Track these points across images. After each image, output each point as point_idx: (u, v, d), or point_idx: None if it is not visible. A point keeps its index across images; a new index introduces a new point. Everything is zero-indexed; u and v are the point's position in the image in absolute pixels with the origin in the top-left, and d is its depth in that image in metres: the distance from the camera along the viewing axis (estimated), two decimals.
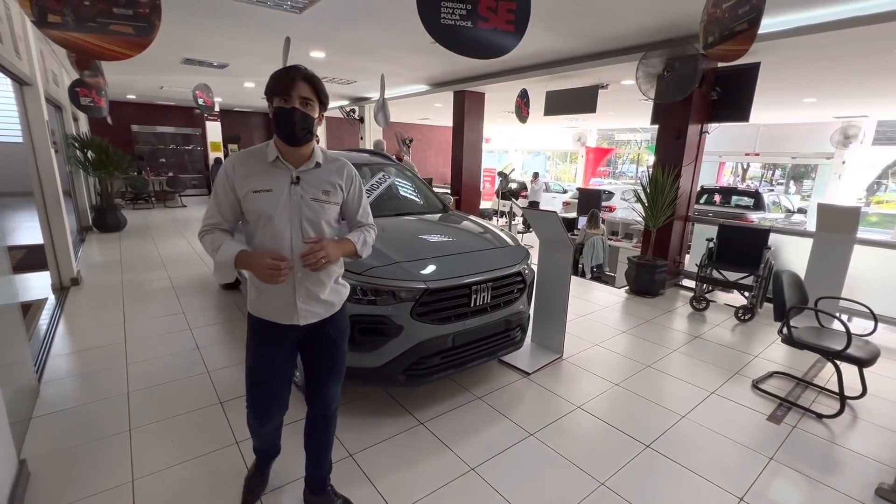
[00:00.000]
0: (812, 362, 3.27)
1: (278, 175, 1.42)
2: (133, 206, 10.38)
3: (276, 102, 1.36)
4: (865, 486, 2.05)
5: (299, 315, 1.49)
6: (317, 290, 1.51)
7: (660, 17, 3.88)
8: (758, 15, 2.53)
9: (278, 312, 1.49)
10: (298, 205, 1.43)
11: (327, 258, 1.41)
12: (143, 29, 2.05)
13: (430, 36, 2.30)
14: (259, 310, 1.52)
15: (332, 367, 1.64)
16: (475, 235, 2.97)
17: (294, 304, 1.48)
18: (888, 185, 14.08)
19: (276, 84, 1.35)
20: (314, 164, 1.48)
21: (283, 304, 1.48)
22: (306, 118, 1.37)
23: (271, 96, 1.37)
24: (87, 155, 7.10)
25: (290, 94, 1.33)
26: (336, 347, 1.63)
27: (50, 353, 3.06)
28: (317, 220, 1.47)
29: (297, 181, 1.43)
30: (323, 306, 1.54)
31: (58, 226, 4.36)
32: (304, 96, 1.35)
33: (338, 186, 1.52)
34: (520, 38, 2.39)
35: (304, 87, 1.34)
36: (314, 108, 1.39)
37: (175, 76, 7.70)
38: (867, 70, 5.28)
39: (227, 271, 1.39)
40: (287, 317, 1.49)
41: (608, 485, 2.00)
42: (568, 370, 3.07)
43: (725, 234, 4.50)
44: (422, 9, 2.20)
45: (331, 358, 1.63)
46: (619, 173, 22.46)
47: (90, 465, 2.00)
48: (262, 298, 1.50)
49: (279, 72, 1.37)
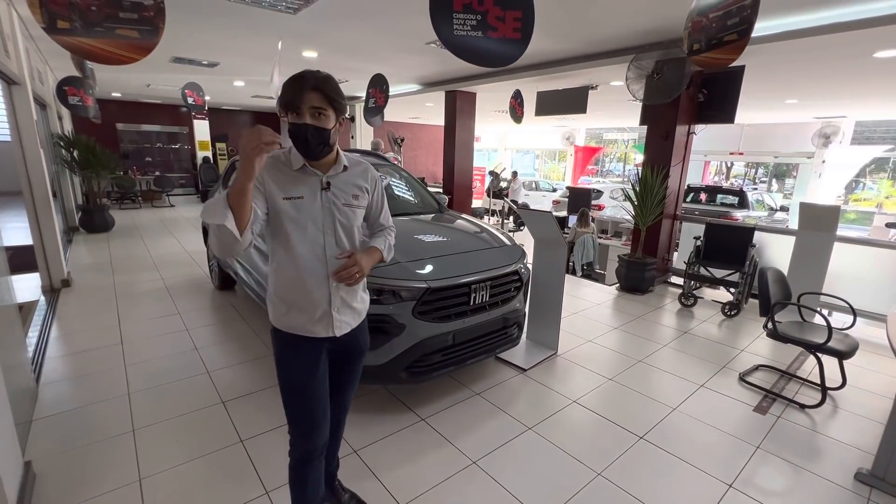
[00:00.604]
0: (795, 355, 3.41)
1: (308, 181, 1.37)
2: (120, 206, 10.22)
3: (290, 117, 1.29)
4: (846, 471, 2.17)
5: (335, 326, 1.44)
6: (350, 298, 1.47)
7: (650, 21, 3.98)
8: (748, 27, 2.56)
9: (314, 324, 1.41)
10: (331, 211, 1.39)
11: (361, 272, 1.38)
12: (148, 32, 2.06)
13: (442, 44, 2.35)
14: (290, 324, 1.42)
15: (354, 377, 1.64)
16: (472, 235, 3.03)
17: (330, 314, 1.42)
18: (865, 184, 14.52)
19: (286, 97, 1.28)
20: (342, 168, 1.43)
21: (318, 315, 1.41)
22: (320, 133, 1.29)
23: (285, 110, 1.30)
24: (73, 154, 6.99)
25: (300, 107, 1.26)
26: (361, 358, 1.62)
27: (46, 356, 3.04)
28: (350, 226, 1.43)
29: (327, 187, 1.39)
30: (353, 315, 1.50)
31: (47, 226, 4.31)
32: (315, 106, 1.27)
33: (364, 190, 1.48)
34: (526, 45, 2.46)
35: (315, 97, 1.27)
36: (328, 117, 1.30)
37: (163, 74, 7.60)
38: (846, 73, 5.47)
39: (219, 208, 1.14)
40: (324, 328, 1.42)
41: (605, 475, 2.08)
42: (563, 366, 3.15)
43: (712, 232, 4.64)
44: (435, 21, 2.26)
45: (355, 369, 1.62)
46: (607, 171, 22.73)
47: (96, 466, 2.02)
48: (294, 311, 1.40)
49: (288, 83, 1.29)
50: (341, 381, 1.61)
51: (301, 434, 1.47)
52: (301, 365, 1.43)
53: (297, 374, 1.43)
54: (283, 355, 1.45)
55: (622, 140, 21.04)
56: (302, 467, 1.50)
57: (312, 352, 1.44)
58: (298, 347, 1.43)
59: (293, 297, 1.39)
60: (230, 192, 1.15)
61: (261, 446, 2.19)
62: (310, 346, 1.43)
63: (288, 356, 1.44)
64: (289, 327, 1.41)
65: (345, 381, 1.62)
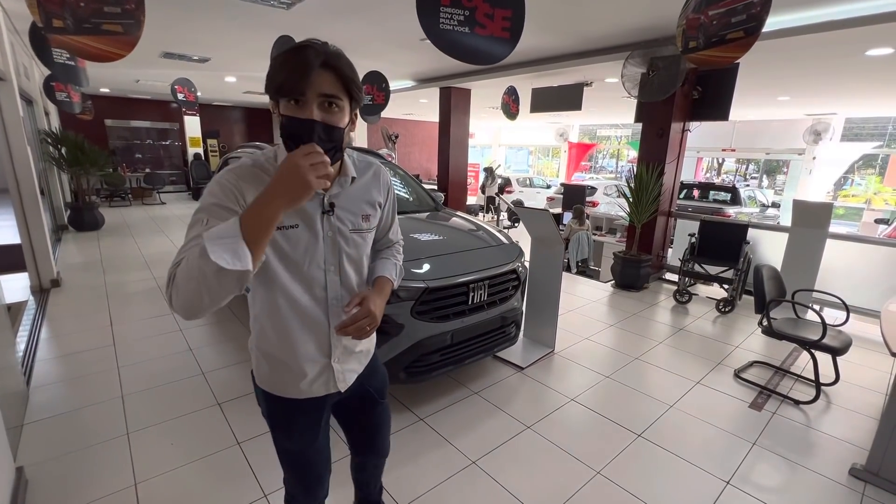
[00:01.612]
0: (789, 351, 3.44)
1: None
2: (109, 204, 10.07)
3: (283, 107, 0.89)
4: (840, 467, 2.19)
5: (337, 380, 1.13)
6: (353, 344, 1.15)
7: (645, 18, 3.97)
8: (757, 25, 2.51)
9: (310, 384, 1.10)
10: (336, 242, 1.04)
11: (375, 323, 1.05)
12: (130, 26, 2.04)
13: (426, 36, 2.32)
14: (278, 386, 1.10)
15: (381, 419, 1.34)
16: (470, 234, 3.01)
17: (329, 367, 1.11)
18: (854, 180, 14.71)
19: (282, 76, 0.87)
20: (350, 181, 1.06)
21: (317, 371, 1.10)
22: (331, 134, 0.90)
23: (276, 96, 0.89)
24: (61, 151, 6.86)
25: (303, 91, 0.86)
26: (380, 403, 1.31)
27: (36, 358, 2.99)
28: (359, 258, 1.11)
29: (330, 209, 1.01)
30: (359, 359, 1.19)
31: (35, 225, 4.23)
32: (325, 94, 0.88)
33: (377, 205, 1.14)
34: (513, 46, 2.44)
35: (326, 79, 0.87)
36: (343, 108, 0.92)
37: (153, 70, 7.48)
38: (838, 71, 5.51)
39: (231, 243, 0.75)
40: (324, 385, 1.12)
41: (604, 473, 2.09)
42: (560, 364, 3.16)
43: (707, 229, 4.67)
44: (421, 13, 2.23)
45: (378, 412, 1.32)
46: (600, 168, 22.80)
47: (90, 471, 1.99)
48: (283, 370, 1.08)
49: (283, 56, 0.87)
50: (362, 425, 1.33)
51: (301, 492, 1.27)
52: (300, 432, 1.16)
53: (294, 444, 1.18)
54: (274, 421, 1.17)
55: (615, 136, 21.11)
56: None
57: (311, 415, 1.15)
58: (293, 412, 1.14)
59: (282, 352, 1.07)
60: (250, 219, 0.77)
61: (258, 448, 2.16)
62: (307, 409, 1.14)
63: (280, 423, 1.16)
64: (278, 389, 1.11)
65: (370, 426, 1.33)
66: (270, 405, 1.15)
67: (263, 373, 1.12)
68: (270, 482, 1.94)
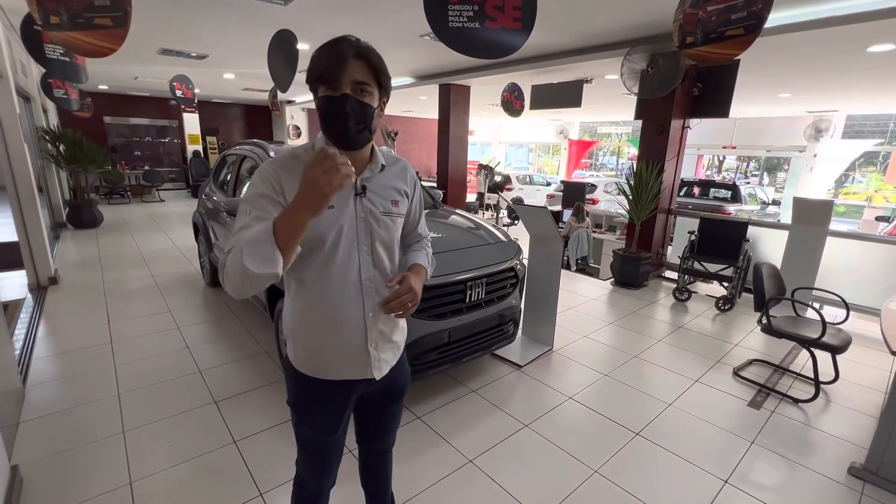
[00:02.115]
0: (788, 349, 3.43)
1: None
2: (108, 201, 10.06)
3: (321, 91, 1.01)
4: (839, 465, 2.18)
5: (372, 367, 1.16)
6: (389, 330, 1.19)
7: (645, 14, 3.94)
8: (758, 22, 2.47)
9: (346, 366, 1.15)
10: (368, 223, 1.10)
11: (416, 300, 1.10)
12: (119, 19, 2.02)
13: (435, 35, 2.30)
14: (315, 367, 1.15)
15: (396, 416, 1.40)
16: (468, 232, 3.00)
17: (366, 351, 1.14)
18: (855, 177, 14.68)
19: (319, 67, 0.99)
20: (379, 168, 1.14)
21: (350, 354, 1.14)
22: (364, 109, 1.00)
23: (315, 84, 1.02)
24: (59, 148, 6.84)
25: (339, 78, 0.97)
26: (402, 399, 1.36)
27: (33, 356, 2.98)
28: (390, 240, 1.15)
29: (362, 192, 1.09)
30: (393, 351, 1.23)
31: (33, 222, 4.21)
32: (357, 80, 0.99)
33: (404, 193, 1.20)
34: (527, 35, 2.39)
35: (358, 67, 0.99)
36: (373, 93, 1.02)
37: (151, 67, 7.45)
38: (840, 67, 5.48)
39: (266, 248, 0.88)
40: (359, 369, 1.16)
41: (601, 472, 2.08)
42: (558, 362, 3.15)
43: (707, 226, 4.64)
44: (429, 14, 2.20)
45: (397, 409, 1.38)
46: (600, 165, 22.76)
47: (85, 469, 1.98)
48: (319, 351, 1.13)
49: (321, 49, 1.00)
50: (376, 420, 1.38)
51: (313, 478, 1.31)
52: (325, 421, 1.20)
53: (317, 431, 1.21)
54: (301, 405, 1.21)
55: (616, 134, 21.07)
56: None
57: (339, 400, 1.20)
58: (323, 396, 1.18)
59: (319, 333, 1.12)
60: (281, 227, 0.88)
61: (255, 447, 2.16)
62: (337, 393, 1.18)
63: (307, 407, 1.20)
64: (313, 370, 1.15)
65: (384, 421, 1.38)
66: (301, 388, 1.18)
67: (300, 355, 1.16)
68: (266, 481, 1.94)
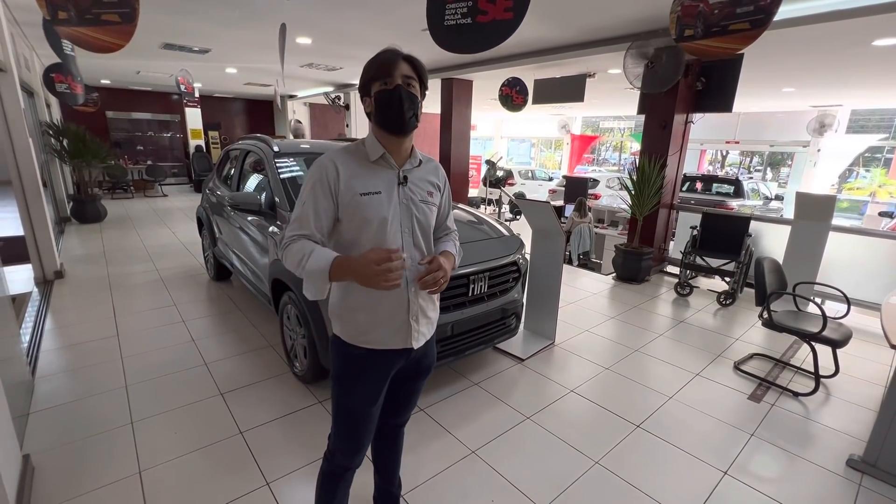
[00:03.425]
0: (789, 343, 3.45)
1: (384, 175, 1.25)
2: (112, 196, 10.09)
3: (376, 88, 1.20)
4: (838, 457, 2.21)
5: (413, 337, 1.30)
6: (427, 306, 1.34)
7: (647, 8, 3.92)
8: (766, 17, 2.43)
9: (392, 336, 1.28)
10: (409, 207, 1.27)
11: (446, 278, 1.24)
12: (127, 15, 2.03)
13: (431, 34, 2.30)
14: (366, 337, 1.28)
15: (418, 392, 1.52)
16: (471, 226, 3.02)
17: (408, 322, 1.28)
18: (859, 172, 14.60)
19: (375, 68, 1.20)
20: (417, 162, 1.32)
21: (396, 324, 1.27)
22: (413, 98, 1.21)
23: (370, 83, 1.21)
24: (63, 143, 6.86)
25: (392, 74, 1.18)
26: (428, 375, 1.49)
27: (40, 349, 3.02)
28: (427, 225, 1.31)
29: (404, 181, 1.27)
30: (429, 326, 1.37)
31: (38, 217, 4.25)
32: (406, 75, 1.20)
33: (437, 187, 1.37)
34: (517, 24, 2.40)
35: (406, 66, 1.20)
36: (416, 88, 1.23)
37: (153, 61, 7.45)
38: (844, 61, 5.45)
39: (320, 282, 1.14)
40: (402, 339, 1.29)
41: (602, 463, 2.11)
42: (560, 356, 3.17)
43: (709, 221, 4.65)
44: (430, 12, 2.21)
45: (419, 386, 1.50)
46: (603, 160, 22.70)
47: (95, 459, 2.02)
48: (370, 322, 1.26)
49: (374, 58, 1.22)
50: (400, 396, 1.48)
51: (344, 452, 1.40)
52: (368, 389, 1.31)
53: (361, 401, 1.32)
54: (348, 376, 1.32)
55: (619, 129, 20.98)
56: (334, 479, 1.44)
57: (383, 370, 1.32)
58: (369, 366, 1.30)
59: (369, 305, 1.25)
60: (334, 266, 1.12)
61: (260, 438, 2.19)
62: (382, 363, 1.31)
63: (354, 377, 1.31)
64: (364, 341, 1.28)
65: (406, 397, 1.51)
66: (348, 357, 1.30)
67: (348, 327, 1.28)
68: (272, 470, 1.97)
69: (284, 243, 1.20)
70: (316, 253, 1.14)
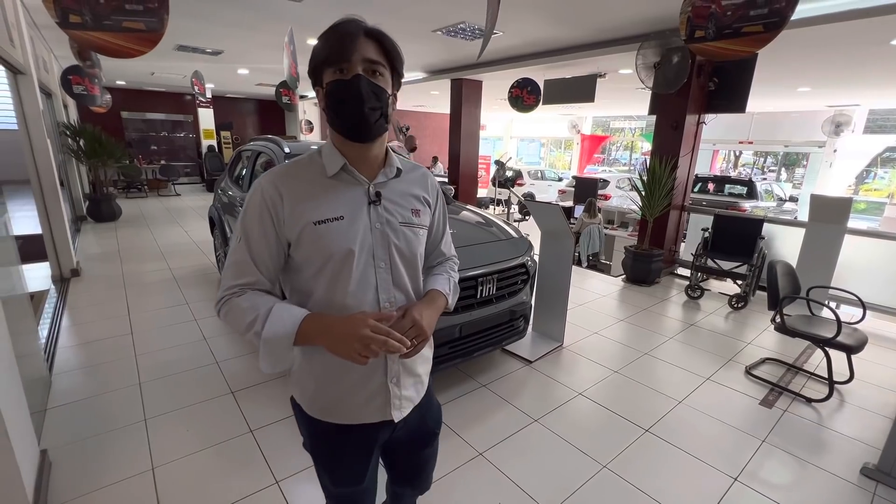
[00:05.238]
0: (802, 349, 3.39)
1: (347, 194, 0.93)
2: (126, 195, 10.27)
3: (328, 76, 0.87)
4: (852, 466, 2.17)
5: (392, 406, 1.00)
6: (412, 360, 1.02)
7: (658, 7, 3.89)
8: (781, 20, 2.38)
9: (363, 407, 0.98)
10: (385, 235, 0.95)
11: (424, 335, 0.93)
12: (153, 24, 2.05)
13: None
14: (327, 409, 0.99)
15: (431, 459, 1.24)
16: (480, 228, 3.02)
17: (385, 388, 0.98)
18: (877, 173, 14.30)
19: (327, 48, 0.86)
20: (395, 172, 0.99)
21: (367, 393, 0.97)
22: (377, 91, 0.87)
23: (322, 68, 0.88)
24: (80, 143, 7.00)
25: (348, 58, 0.85)
26: (435, 439, 1.20)
27: (58, 345, 3.09)
28: (411, 255, 0.99)
29: (377, 199, 0.94)
30: (417, 386, 1.07)
31: (56, 216, 4.34)
32: (369, 58, 0.87)
33: (425, 202, 1.04)
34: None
35: (369, 46, 0.87)
36: (386, 78, 0.90)
37: (167, 62, 7.57)
38: (862, 61, 5.34)
39: (283, 351, 0.85)
40: (378, 411, 0.99)
41: (610, 467, 2.10)
42: (568, 358, 3.16)
43: (720, 223, 4.59)
44: None
45: (431, 452, 1.22)
46: (613, 160, 22.52)
47: (110, 454, 2.06)
48: (332, 390, 0.97)
49: (327, 32, 0.88)
50: (413, 468, 1.22)
51: None
52: (347, 468, 1.04)
53: (339, 482, 1.06)
54: (318, 452, 1.05)
55: (629, 128, 20.79)
56: None
57: (361, 447, 1.03)
58: (341, 442, 1.02)
59: (331, 368, 0.95)
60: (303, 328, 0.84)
61: (270, 436, 2.22)
62: (358, 439, 1.02)
63: (327, 455, 1.04)
64: (326, 414, 0.99)
65: (418, 469, 1.23)
66: (315, 434, 1.03)
67: (308, 395, 1.00)
68: (282, 469, 2.00)
69: (222, 298, 0.89)
70: (276, 313, 0.85)
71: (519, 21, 4.55)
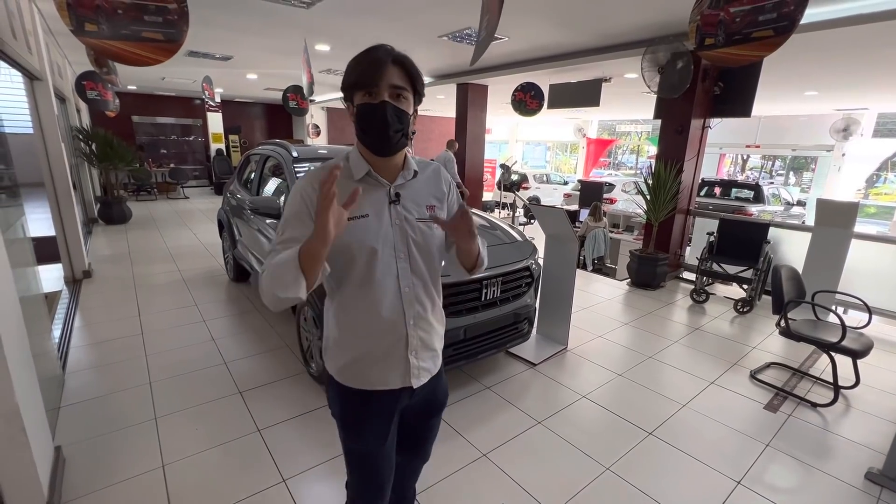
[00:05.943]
0: (808, 353, 3.38)
1: (372, 195, 1.07)
2: (136, 198, 10.41)
3: (358, 98, 1.01)
4: (856, 470, 2.17)
5: (412, 374, 1.14)
6: (429, 337, 1.17)
7: (664, 13, 3.92)
8: (790, 24, 2.38)
9: (387, 374, 1.13)
10: (404, 230, 1.09)
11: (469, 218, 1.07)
12: (172, 35, 2.10)
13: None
14: (358, 377, 1.13)
15: (434, 429, 1.36)
16: (485, 231, 3.05)
17: (406, 359, 1.13)
18: (887, 177, 14.15)
19: (357, 73, 1.00)
20: (412, 175, 1.14)
21: (393, 361, 1.13)
22: (400, 115, 1.01)
23: (352, 90, 1.02)
24: (92, 147, 7.12)
25: (377, 84, 0.98)
26: (441, 411, 1.33)
27: (70, 345, 3.15)
28: (427, 247, 1.13)
29: (396, 199, 1.09)
30: (433, 359, 1.21)
31: (69, 218, 4.43)
32: (395, 84, 1.00)
33: (439, 198, 1.19)
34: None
35: (395, 73, 1.00)
36: (408, 100, 1.04)
37: (178, 68, 7.69)
38: (869, 64, 5.33)
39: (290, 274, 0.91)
40: (399, 378, 1.14)
41: (613, 469, 2.11)
42: (572, 361, 3.17)
43: (726, 227, 4.59)
44: None
45: (435, 423, 1.35)
46: (619, 164, 22.47)
47: (121, 452, 2.11)
48: (361, 360, 1.12)
49: (359, 57, 1.01)
50: (418, 436, 1.34)
51: (365, 499, 1.26)
52: (372, 430, 1.17)
53: (366, 443, 1.17)
54: (347, 418, 1.18)
55: (635, 132, 20.75)
56: None
57: (385, 410, 1.17)
58: (367, 407, 1.15)
59: (361, 341, 1.11)
60: (302, 256, 0.90)
61: (277, 436, 2.26)
62: (382, 403, 1.16)
63: (354, 419, 1.17)
64: (356, 381, 1.13)
65: (423, 438, 1.36)
66: (345, 401, 1.17)
67: (341, 365, 1.14)
68: (289, 468, 2.03)
69: (261, 273, 0.98)
70: (278, 257, 0.95)
71: (525, 26, 4.59)
